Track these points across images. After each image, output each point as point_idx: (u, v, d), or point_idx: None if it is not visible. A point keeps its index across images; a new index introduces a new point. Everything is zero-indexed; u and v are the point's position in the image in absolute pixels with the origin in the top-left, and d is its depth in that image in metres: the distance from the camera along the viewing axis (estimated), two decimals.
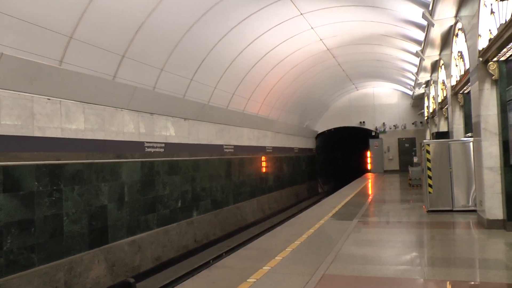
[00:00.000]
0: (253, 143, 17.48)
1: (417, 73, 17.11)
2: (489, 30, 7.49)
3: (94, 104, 8.63)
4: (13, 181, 6.86)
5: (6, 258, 6.65)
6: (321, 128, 28.27)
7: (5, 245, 6.66)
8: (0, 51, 6.50)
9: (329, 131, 28.62)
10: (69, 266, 7.76)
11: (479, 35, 7.93)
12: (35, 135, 7.28)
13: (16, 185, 6.91)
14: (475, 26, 8.03)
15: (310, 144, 27.11)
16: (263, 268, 5.79)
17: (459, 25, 10.22)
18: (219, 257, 10.71)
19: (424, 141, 10.67)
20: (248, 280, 5.25)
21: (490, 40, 7.36)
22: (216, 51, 12.04)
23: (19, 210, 6.93)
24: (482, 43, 7.83)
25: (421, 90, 20.80)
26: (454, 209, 9.97)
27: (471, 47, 8.47)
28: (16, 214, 6.87)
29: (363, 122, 27.71)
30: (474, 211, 9.28)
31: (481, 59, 7.80)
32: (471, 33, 8.41)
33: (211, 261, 10.37)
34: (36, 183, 7.27)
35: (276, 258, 6.32)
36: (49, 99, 7.58)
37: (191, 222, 12.08)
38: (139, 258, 9.50)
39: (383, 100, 27.46)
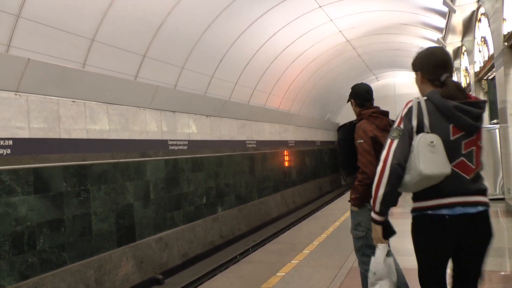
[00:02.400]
0: (275, 137, 17.48)
1: None
2: None
3: (117, 105, 8.76)
4: (43, 182, 7.03)
5: (39, 257, 6.82)
6: (342, 120, 28.06)
7: (38, 245, 6.83)
8: (27, 56, 6.64)
9: (350, 123, 28.22)
10: (99, 264, 7.91)
11: (504, 19, 7.76)
12: (61, 137, 7.43)
13: (45, 186, 7.07)
14: (499, 10, 7.86)
15: (331, 136, 26.96)
16: (291, 262, 5.82)
17: (481, 10, 10.02)
18: (245, 252, 10.77)
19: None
20: (277, 274, 5.30)
21: None
22: (235, 47, 12.06)
23: (49, 210, 7.09)
24: (507, 27, 7.66)
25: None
26: None
27: (495, 32, 8.30)
28: (46, 214, 7.04)
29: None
30: (502, 199, 9.12)
31: (506, 43, 7.64)
32: (495, 17, 8.23)
33: (237, 256, 10.44)
34: (64, 183, 7.43)
35: (303, 251, 6.34)
36: (73, 101, 7.72)
37: (216, 218, 12.17)
38: (166, 254, 9.63)
39: (404, 89, 27.06)
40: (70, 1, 7.12)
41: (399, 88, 27.14)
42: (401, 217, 9.50)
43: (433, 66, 2.37)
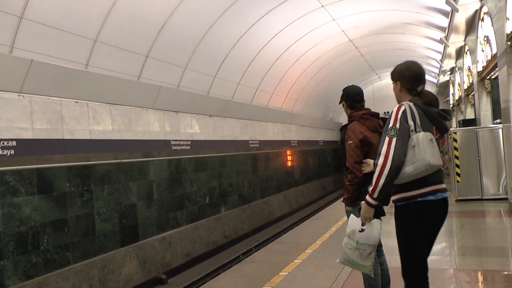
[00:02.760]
0: (278, 137, 17.49)
1: (442, 60, 16.81)
2: None
3: (120, 105, 8.78)
4: (46, 183, 7.06)
5: (43, 257, 6.86)
6: (345, 120, 27.74)
7: (42, 245, 6.87)
8: (30, 57, 6.68)
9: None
10: (102, 263, 7.94)
11: (507, 18, 7.75)
12: (65, 138, 7.46)
13: (49, 186, 7.10)
14: (502, 9, 7.85)
15: (334, 136, 26.95)
16: (294, 261, 5.83)
17: (484, 9, 10.00)
18: (248, 252, 10.79)
19: (451, 129, 10.50)
20: (280, 273, 5.31)
21: None
22: (238, 47, 12.08)
23: (53, 210, 7.13)
24: (510, 27, 7.65)
25: (446, 78, 20.42)
26: (484, 197, 9.81)
27: (498, 31, 8.28)
28: (50, 215, 7.07)
29: (388, 112, 27.37)
30: (505, 199, 9.11)
31: (509, 42, 7.62)
32: (498, 16, 8.22)
33: (240, 256, 10.45)
34: (67, 184, 7.46)
35: (306, 251, 6.35)
36: (76, 102, 7.76)
37: (220, 217, 12.19)
38: (169, 254, 9.65)
39: None
40: (73, 2, 7.16)
41: None
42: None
43: (411, 78, 2.88)
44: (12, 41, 6.58)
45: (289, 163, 18.39)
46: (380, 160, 2.65)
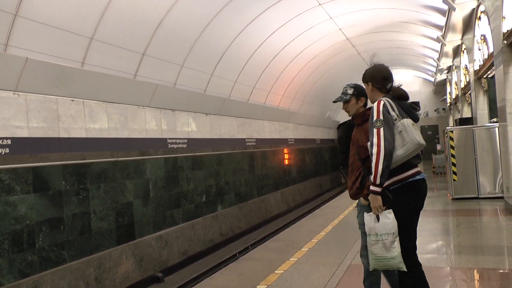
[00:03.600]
0: (275, 135, 17.49)
1: (439, 59, 16.83)
2: None
3: (116, 103, 8.76)
4: (42, 181, 7.04)
5: (39, 255, 6.84)
6: (342, 118, 28.07)
7: (38, 243, 6.85)
8: (25, 55, 6.65)
9: (350, 121, 28.29)
10: (99, 262, 7.93)
11: (504, 17, 7.75)
12: (61, 136, 7.44)
13: (45, 185, 7.08)
14: (499, 8, 7.85)
15: (332, 134, 26.97)
16: (290, 259, 5.83)
17: (481, 8, 10.01)
18: (245, 250, 10.79)
19: (447, 128, 10.52)
20: (275, 271, 5.31)
21: None
22: (235, 45, 12.06)
23: (48, 209, 7.11)
24: (507, 25, 7.65)
25: (443, 76, 20.46)
26: (480, 196, 9.83)
27: (495, 30, 8.29)
28: (46, 213, 7.05)
29: None
30: (501, 197, 9.13)
31: (505, 41, 7.63)
32: (495, 15, 8.22)
33: (237, 254, 10.46)
34: (63, 182, 7.44)
35: (302, 249, 6.35)
36: (72, 100, 7.73)
37: (216, 216, 12.19)
38: (166, 252, 9.65)
39: (404, 87, 26.69)
40: (69, 0, 7.12)
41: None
42: None
43: (380, 78, 3.35)
44: (6, 39, 6.54)
45: (286, 162, 18.40)
46: (374, 149, 2.97)
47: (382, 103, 3.10)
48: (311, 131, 22.53)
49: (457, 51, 15.06)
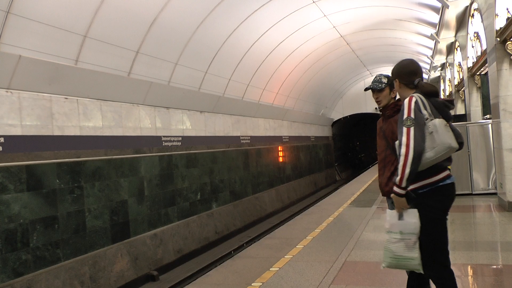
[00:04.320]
0: (270, 133, 17.49)
1: (432, 56, 16.89)
2: (507, 9, 7.36)
3: (110, 101, 8.73)
4: (36, 179, 7.01)
5: (33, 254, 6.81)
6: (336, 115, 28.13)
7: (32, 242, 6.82)
8: (18, 53, 6.61)
9: (345, 118, 28.46)
10: (93, 260, 7.91)
11: (496, 15, 7.79)
12: (54, 134, 7.40)
13: (39, 183, 7.05)
14: (492, 6, 7.89)
15: (326, 132, 27.00)
16: (285, 256, 5.84)
17: (474, 5, 10.05)
18: (240, 248, 10.80)
19: None
20: (271, 269, 5.31)
21: (507, 19, 7.23)
22: (229, 43, 12.04)
23: (43, 207, 7.08)
24: (500, 23, 7.69)
25: (437, 73, 20.53)
26: (474, 192, 9.87)
27: (488, 27, 8.32)
28: (40, 212, 7.02)
29: (378, 108, 27.43)
30: (494, 194, 9.18)
31: (498, 39, 7.67)
32: (488, 13, 8.26)
33: (232, 252, 10.47)
34: (57, 180, 7.41)
35: (297, 246, 6.36)
36: (66, 98, 7.69)
37: (211, 214, 12.19)
38: (161, 251, 9.63)
39: None
40: None
41: None
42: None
43: (406, 73, 3.14)
44: None
45: (280, 159, 18.41)
46: (403, 150, 2.81)
47: (414, 99, 2.92)
48: (306, 129, 22.56)
49: (450, 49, 15.11)
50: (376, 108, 27.57)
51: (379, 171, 3.58)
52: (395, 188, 2.89)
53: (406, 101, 2.93)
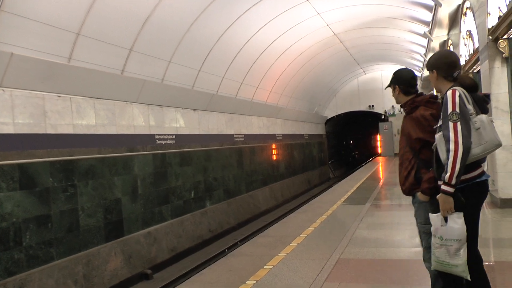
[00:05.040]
0: (263, 131, 17.50)
1: (426, 54, 16.95)
2: (499, 8, 7.41)
3: (104, 99, 8.70)
4: (29, 178, 6.97)
5: (26, 253, 6.78)
6: (330, 113, 28.18)
7: (24, 241, 6.79)
8: (10, 51, 6.56)
9: (338, 116, 28.53)
10: (87, 259, 7.89)
11: (488, 13, 7.84)
12: (47, 132, 7.37)
13: (32, 182, 7.02)
14: (484, 4, 7.94)
15: (320, 130, 27.06)
16: (279, 254, 5.85)
17: (467, 4, 10.10)
18: (234, 246, 10.81)
19: None
20: (265, 267, 5.33)
21: (499, 17, 7.28)
22: (222, 41, 12.03)
23: (36, 206, 7.04)
24: (492, 21, 7.74)
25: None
26: None
27: (480, 26, 8.38)
28: (33, 210, 6.99)
29: (372, 106, 27.54)
30: None
31: (490, 37, 7.72)
32: (480, 11, 8.31)
33: (226, 250, 10.47)
34: (51, 179, 7.38)
35: (291, 244, 6.38)
36: (59, 96, 7.66)
37: (205, 212, 12.18)
38: (155, 249, 9.62)
39: None
40: None
41: (386, 81, 27.01)
42: (390, 209, 9.59)
43: (446, 65, 3.00)
44: None
45: (274, 157, 18.43)
46: (452, 146, 2.74)
47: (458, 93, 2.82)
48: (299, 127, 22.59)
49: (443, 47, 15.17)
50: (369, 106, 27.69)
51: (398, 168, 3.49)
52: (444, 186, 2.80)
53: (449, 94, 2.84)
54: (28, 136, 6.98)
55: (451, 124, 2.76)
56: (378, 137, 29.40)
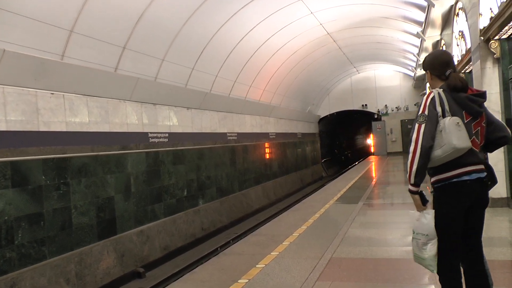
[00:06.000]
0: (256, 129, 17.51)
1: (419, 54, 17.04)
2: (490, 9, 7.47)
3: (97, 97, 8.67)
4: (21, 175, 6.94)
5: (17, 252, 6.75)
6: (323, 112, 28.24)
7: (16, 239, 6.76)
8: (2, 47, 6.52)
9: (331, 115, 28.59)
10: (79, 257, 7.87)
11: (480, 14, 7.90)
12: (40, 130, 7.33)
13: (24, 179, 6.98)
14: (476, 5, 8.00)
15: (313, 128, 27.11)
16: (271, 253, 5.87)
17: (459, 5, 10.16)
18: (226, 244, 10.81)
19: None
20: (257, 265, 5.34)
21: (491, 18, 7.34)
22: (216, 39, 12.02)
23: (28, 204, 7.01)
24: (483, 22, 7.80)
25: (423, 71, 20.72)
26: None
27: (472, 26, 8.44)
28: (25, 208, 6.96)
29: (365, 105, 27.63)
30: None
31: (482, 38, 7.78)
32: (472, 12, 8.37)
33: (218, 249, 10.48)
34: (43, 177, 7.34)
35: (283, 243, 6.40)
36: (52, 93, 7.62)
37: (198, 210, 12.18)
38: (147, 247, 9.61)
39: (384, 82, 27.33)
40: None
41: (380, 80, 27.38)
42: (382, 209, 9.63)
43: (438, 65, 3.06)
44: None
45: (267, 156, 18.45)
46: (412, 147, 2.87)
47: (431, 96, 2.92)
48: (292, 125, 22.62)
49: (436, 47, 15.26)
50: (362, 106, 27.77)
51: None
52: (409, 186, 2.97)
53: (425, 97, 2.97)
54: (20, 133, 6.94)
55: (416, 126, 2.88)
56: (371, 136, 29.50)
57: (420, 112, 2.90)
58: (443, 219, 2.94)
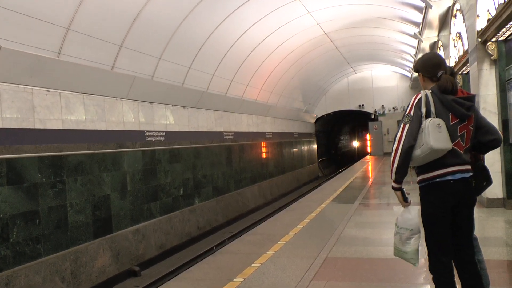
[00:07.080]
0: (253, 129, 17.51)
1: (416, 55, 17.07)
2: (488, 10, 7.49)
3: (93, 95, 8.64)
4: (17, 173, 6.91)
5: (12, 250, 6.72)
6: (320, 112, 28.24)
7: (11, 237, 6.73)
8: None
9: (328, 115, 28.60)
10: (75, 256, 7.84)
11: (478, 16, 7.92)
12: (36, 127, 7.30)
13: (19, 177, 6.95)
14: (473, 7, 8.02)
15: (309, 128, 27.12)
16: (267, 252, 5.87)
17: (457, 6, 10.19)
18: (222, 244, 10.81)
19: None
20: (252, 264, 5.34)
21: (488, 20, 7.36)
22: (213, 38, 12.00)
23: (23, 202, 6.98)
24: (481, 24, 7.82)
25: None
26: None
27: (470, 28, 8.46)
28: (21, 206, 6.93)
29: (362, 105, 27.65)
30: None
31: (479, 39, 7.80)
32: (469, 14, 8.39)
33: (214, 248, 10.47)
34: (39, 175, 7.32)
35: (279, 242, 6.40)
36: (48, 91, 7.60)
37: (194, 209, 12.17)
38: (143, 246, 9.60)
39: (381, 82, 27.36)
40: None
41: (377, 81, 27.40)
42: (378, 208, 9.65)
43: (429, 66, 3.11)
44: None
45: (263, 155, 18.45)
46: (394, 145, 2.98)
47: (418, 96, 3.01)
48: (289, 125, 22.63)
49: (433, 48, 15.29)
50: (359, 106, 27.80)
51: None
52: (392, 184, 3.09)
53: (412, 98, 3.05)
54: (16, 130, 6.91)
55: (401, 126, 2.98)
56: (368, 136, 29.54)
57: (406, 112, 3.00)
58: (428, 218, 3.05)
